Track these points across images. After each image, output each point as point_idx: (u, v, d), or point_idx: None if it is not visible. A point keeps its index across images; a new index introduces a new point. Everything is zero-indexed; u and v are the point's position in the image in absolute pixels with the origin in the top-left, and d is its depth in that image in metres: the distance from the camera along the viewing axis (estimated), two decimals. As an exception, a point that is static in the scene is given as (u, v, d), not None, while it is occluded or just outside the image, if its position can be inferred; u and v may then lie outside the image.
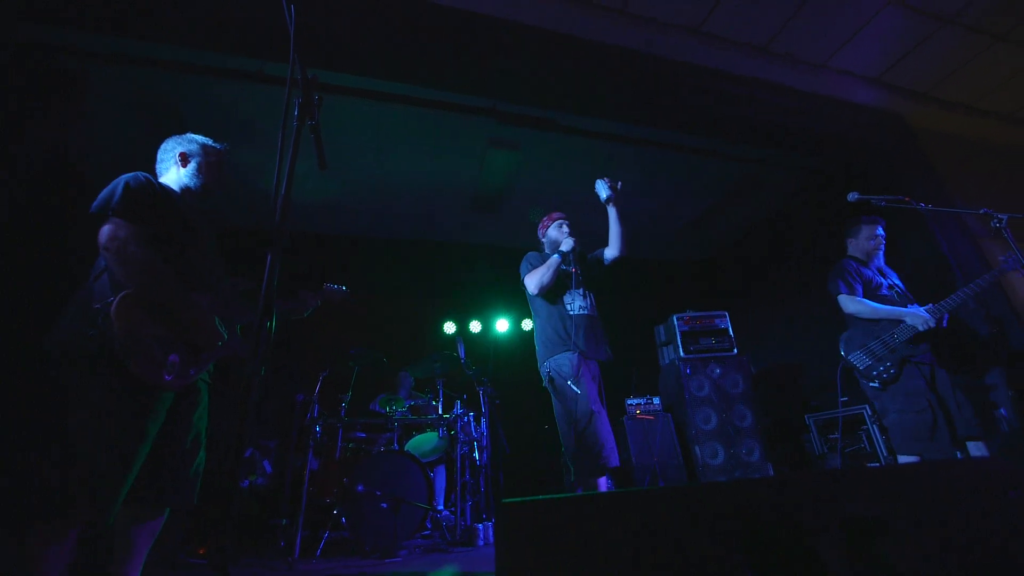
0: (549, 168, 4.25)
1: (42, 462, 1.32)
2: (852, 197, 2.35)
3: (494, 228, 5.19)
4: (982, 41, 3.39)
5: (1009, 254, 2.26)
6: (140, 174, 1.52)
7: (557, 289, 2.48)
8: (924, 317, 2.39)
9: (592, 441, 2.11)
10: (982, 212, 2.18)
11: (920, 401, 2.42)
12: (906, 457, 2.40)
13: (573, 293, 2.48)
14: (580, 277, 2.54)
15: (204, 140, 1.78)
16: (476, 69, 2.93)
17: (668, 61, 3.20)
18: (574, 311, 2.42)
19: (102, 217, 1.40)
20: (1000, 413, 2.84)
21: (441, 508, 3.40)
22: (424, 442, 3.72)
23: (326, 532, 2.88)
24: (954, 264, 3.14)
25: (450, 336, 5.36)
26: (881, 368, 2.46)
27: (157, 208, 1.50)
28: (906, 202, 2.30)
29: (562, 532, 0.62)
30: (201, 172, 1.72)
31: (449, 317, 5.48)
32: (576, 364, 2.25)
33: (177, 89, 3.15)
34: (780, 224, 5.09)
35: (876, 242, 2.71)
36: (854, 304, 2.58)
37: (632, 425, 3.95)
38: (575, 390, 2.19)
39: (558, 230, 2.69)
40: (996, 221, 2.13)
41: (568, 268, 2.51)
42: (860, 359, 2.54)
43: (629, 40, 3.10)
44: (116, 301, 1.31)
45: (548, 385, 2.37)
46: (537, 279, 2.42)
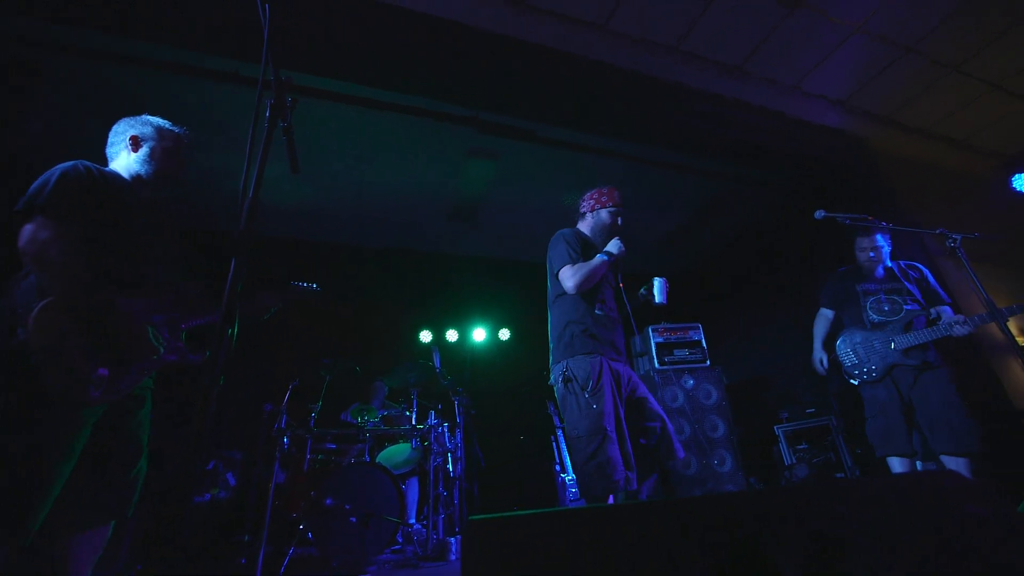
0: (528, 179, 4.27)
1: None
2: (819, 215, 2.43)
3: (472, 237, 5.17)
4: (938, 71, 3.59)
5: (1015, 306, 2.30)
6: (80, 163, 1.38)
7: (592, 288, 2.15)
8: (818, 364, 2.80)
9: (603, 461, 1.82)
10: (938, 232, 2.28)
11: (873, 407, 2.56)
12: (885, 457, 2.52)
13: (606, 293, 2.19)
14: (619, 283, 2.29)
15: (160, 122, 1.61)
16: (458, 78, 2.94)
17: (648, 77, 3.28)
18: (603, 312, 2.12)
19: (27, 214, 1.26)
20: None
21: (413, 522, 3.32)
22: (397, 453, 3.64)
23: (291, 548, 2.76)
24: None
25: (426, 345, 5.29)
26: (864, 369, 2.57)
27: (95, 201, 1.36)
28: (869, 220, 2.39)
29: (531, 549, 0.60)
30: (154, 158, 1.55)
31: (425, 326, 5.42)
32: (598, 371, 1.96)
33: (143, 87, 3.03)
34: (753, 239, 5.25)
35: (864, 254, 2.79)
36: (816, 320, 2.90)
37: (607, 436, 3.95)
38: (591, 404, 1.91)
39: (611, 218, 2.29)
40: (951, 241, 2.22)
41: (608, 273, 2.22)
42: (848, 356, 2.65)
43: (610, 56, 3.16)
44: (36, 310, 1.18)
45: (560, 385, 2.04)
46: (577, 278, 2.04)
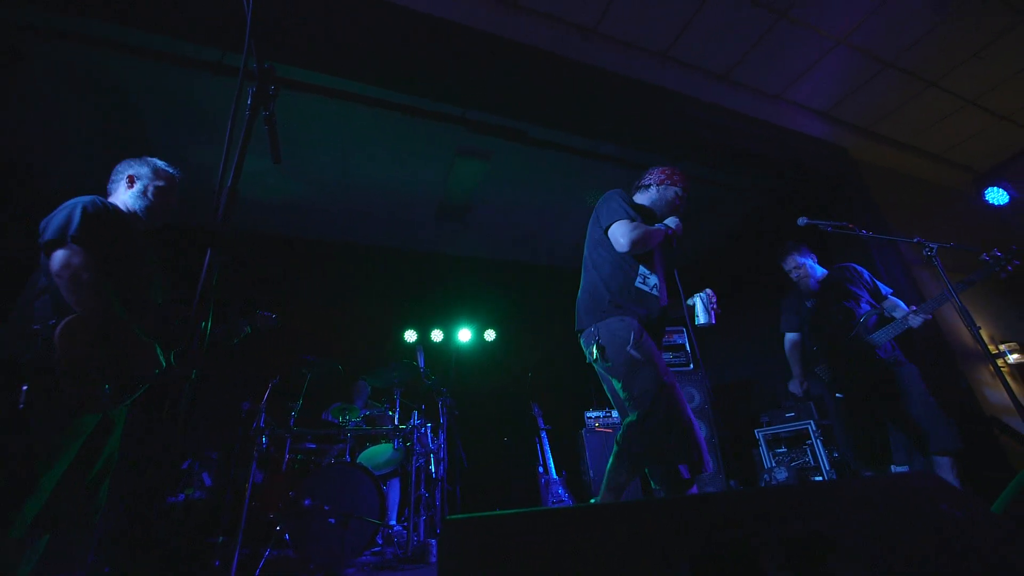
0: (519, 180, 4.27)
1: None
2: (802, 222, 2.48)
3: (461, 237, 5.15)
4: (916, 85, 3.70)
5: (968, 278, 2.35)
6: (97, 199, 1.54)
7: (644, 254, 1.97)
8: (798, 388, 2.88)
9: (669, 428, 1.58)
10: (915, 241, 2.34)
11: (849, 419, 2.59)
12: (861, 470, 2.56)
13: (655, 270, 1.99)
14: (672, 270, 2.14)
15: (157, 163, 1.79)
16: (449, 77, 2.91)
17: (636, 81, 3.31)
18: (645, 288, 1.93)
19: (59, 242, 1.40)
20: None
21: (393, 523, 3.28)
22: (378, 454, 3.59)
23: (267, 550, 2.70)
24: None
25: (411, 345, 5.24)
26: (843, 380, 2.61)
27: (110, 233, 1.53)
28: (850, 228, 2.44)
29: (510, 550, 0.59)
30: (146, 195, 1.73)
31: (411, 325, 5.37)
32: (638, 329, 1.77)
33: (128, 74, 2.95)
34: (737, 245, 5.32)
35: (793, 274, 2.84)
36: (786, 347, 3.00)
37: (591, 438, 3.96)
38: (635, 355, 1.69)
39: (677, 200, 2.17)
40: (927, 250, 2.28)
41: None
42: (825, 372, 2.70)
43: (599, 59, 3.18)
44: (61, 325, 1.33)
45: (598, 358, 1.82)
46: (634, 236, 1.85)
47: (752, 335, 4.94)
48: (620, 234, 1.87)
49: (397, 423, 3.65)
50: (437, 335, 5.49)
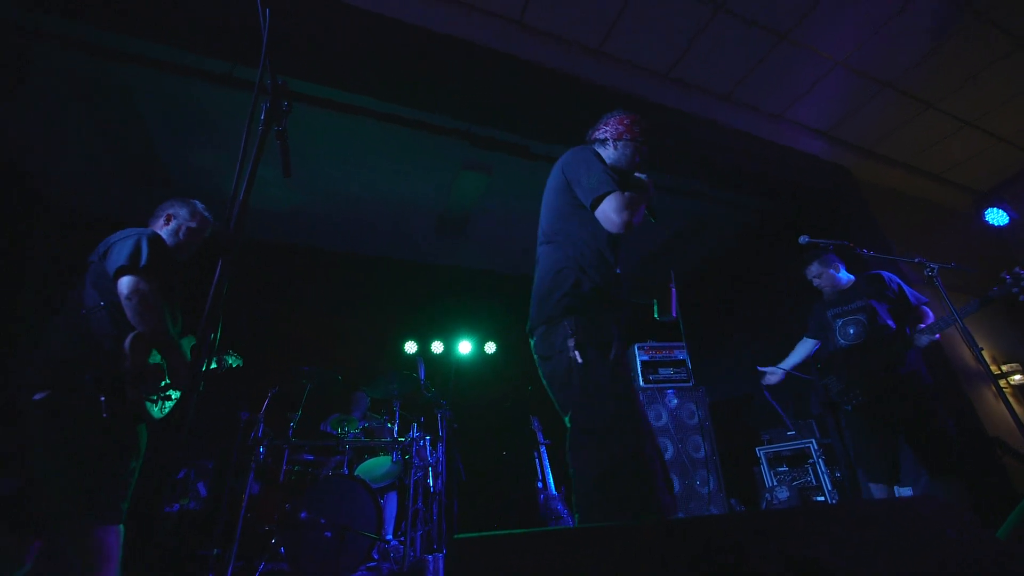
0: (521, 194, 4.30)
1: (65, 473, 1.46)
2: (803, 240, 2.49)
3: (462, 250, 5.17)
4: (915, 106, 3.75)
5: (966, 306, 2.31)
6: (153, 232, 1.75)
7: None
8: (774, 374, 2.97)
9: (641, 464, 1.23)
10: (916, 261, 2.34)
11: (858, 434, 2.52)
12: (868, 483, 2.49)
13: (622, 250, 1.62)
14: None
15: (196, 206, 1.98)
16: (454, 92, 2.96)
17: (639, 100, 3.35)
18: (622, 273, 1.57)
19: (126, 268, 1.58)
20: None
21: (390, 538, 3.23)
22: (376, 466, 3.55)
23: (262, 563, 2.67)
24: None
25: (411, 356, 5.23)
26: (850, 394, 2.52)
27: (165, 264, 1.73)
28: (850, 247, 2.45)
29: (517, 570, 0.58)
30: (178, 234, 1.92)
31: (411, 336, 5.36)
32: (618, 336, 1.42)
33: (133, 82, 2.99)
34: (738, 261, 5.34)
35: (816, 281, 2.85)
36: (799, 343, 2.98)
37: (590, 453, 3.93)
38: (617, 375, 1.33)
39: (635, 155, 1.74)
40: (929, 270, 2.28)
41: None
42: (833, 383, 2.61)
43: (602, 78, 3.23)
44: (131, 338, 1.54)
45: (571, 356, 1.36)
46: (632, 209, 1.44)
47: (752, 352, 4.93)
48: (613, 209, 1.43)
49: (396, 435, 3.62)
50: (437, 347, 5.48)
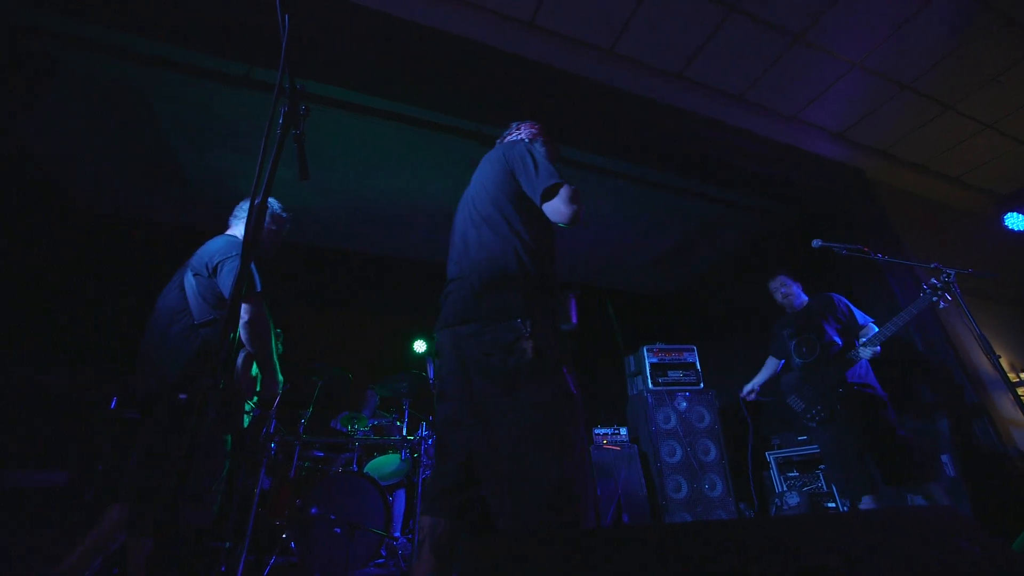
0: (530, 194, 4.30)
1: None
2: (816, 244, 2.46)
3: (472, 249, 5.17)
4: (934, 108, 3.69)
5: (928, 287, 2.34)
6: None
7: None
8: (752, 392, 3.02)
9: (588, 486, 1.13)
10: (932, 266, 2.31)
11: (826, 452, 2.59)
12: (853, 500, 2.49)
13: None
14: None
15: (274, 207, 2.01)
16: (464, 92, 2.97)
17: (650, 101, 3.34)
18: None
19: (247, 296, 1.67)
20: (943, 459, 2.95)
21: (398, 535, 3.26)
22: (385, 464, 3.59)
23: (272, 557, 2.71)
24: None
25: (420, 355, 5.26)
26: (812, 412, 2.58)
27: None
28: (865, 252, 2.41)
29: (529, 571, 0.59)
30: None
31: (420, 335, 5.39)
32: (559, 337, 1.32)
33: (152, 85, 3.05)
34: (747, 263, 5.29)
35: (777, 295, 2.98)
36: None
37: (598, 455, 3.92)
38: (577, 403, 1.22)
39: (556, 152, 1.75)
40: (945, 275, 2.25)
41: None
42: (796, 403, 2.67)
43: (614, 79, 3.23)
44: (243, 356, 1.72)
45: (529, 358, 1.20)
46: (579, 205, 1.38)
47: (763, 356, 4.88)
48: (564, 202, 1.36)
49: (405, 434, 3.65)
50: (446, 346, 5.49)
